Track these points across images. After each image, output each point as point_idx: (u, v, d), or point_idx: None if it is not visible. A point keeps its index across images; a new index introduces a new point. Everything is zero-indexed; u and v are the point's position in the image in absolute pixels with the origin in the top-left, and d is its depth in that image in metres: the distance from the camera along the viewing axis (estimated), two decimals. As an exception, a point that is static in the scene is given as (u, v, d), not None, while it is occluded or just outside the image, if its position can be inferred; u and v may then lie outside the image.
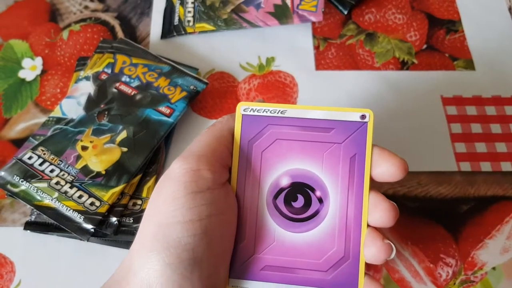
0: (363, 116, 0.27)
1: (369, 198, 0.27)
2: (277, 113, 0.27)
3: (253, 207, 0.27)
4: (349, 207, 0.27)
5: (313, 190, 0.27)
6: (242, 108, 0.28)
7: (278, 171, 0.27)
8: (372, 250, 0.27)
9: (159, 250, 0.24)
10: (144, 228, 0.26)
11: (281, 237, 0.27)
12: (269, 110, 0.27)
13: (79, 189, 0.37)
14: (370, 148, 0.27)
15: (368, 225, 0.27)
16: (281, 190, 0.27)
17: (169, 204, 0.25)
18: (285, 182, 0.27)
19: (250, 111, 0.28)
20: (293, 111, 0.27)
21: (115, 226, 0.36)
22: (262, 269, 0.27)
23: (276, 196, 0.27)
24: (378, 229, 0.27)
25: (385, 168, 0.26)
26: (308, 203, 0.27)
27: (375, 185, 0.28)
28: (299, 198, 0.27)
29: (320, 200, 0.27)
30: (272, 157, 0.27)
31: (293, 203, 0.27)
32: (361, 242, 0.27)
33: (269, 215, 0.27)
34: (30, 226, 0.38)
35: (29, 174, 0.37)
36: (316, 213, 0.27)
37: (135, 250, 0.26)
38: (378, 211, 0.27)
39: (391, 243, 0.27)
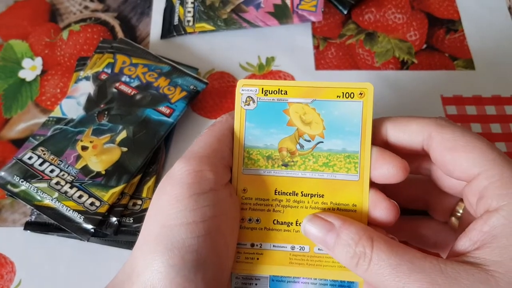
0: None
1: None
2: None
3: None
4: None
5: None
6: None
7: None
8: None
9: (163, 252, 0.24)
10: (147, 229, 0.26)
11: None
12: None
13: (79, 189, 0.37)
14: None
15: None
16: None
17: (172, 206, 0.25)
18: None
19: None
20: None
21: (115, 226, 0.36)
22: None
23: None
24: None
25: (386, 170, 0.26)
26: None
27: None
28: None
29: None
30: None
31: None
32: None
33: None
34: (30, 226, 0.38)
35: (29, 174, 0.37)
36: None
37: (138, 251, 0.25)
38: (378, 210, 0.27)
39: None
